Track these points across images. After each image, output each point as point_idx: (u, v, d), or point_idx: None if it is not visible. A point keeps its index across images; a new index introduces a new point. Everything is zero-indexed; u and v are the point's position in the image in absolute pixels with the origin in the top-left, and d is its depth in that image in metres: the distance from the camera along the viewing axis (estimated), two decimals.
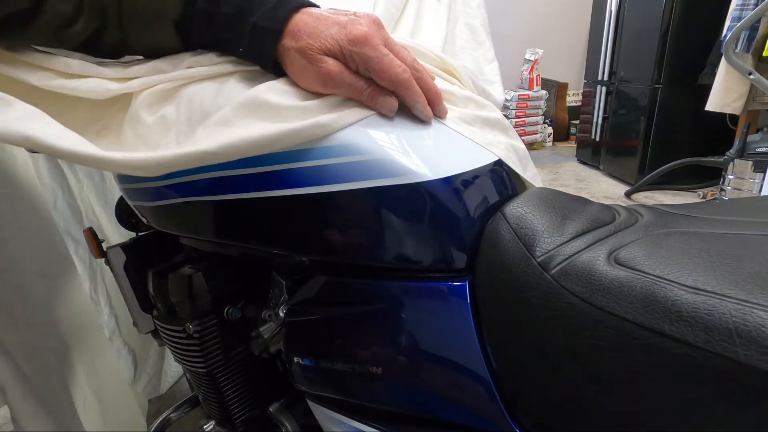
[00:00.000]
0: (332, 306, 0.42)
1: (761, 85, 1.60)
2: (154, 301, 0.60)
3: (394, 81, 0.35)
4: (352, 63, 0.35)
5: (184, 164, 0.34)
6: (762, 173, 1.69)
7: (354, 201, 0.36)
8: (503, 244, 0.33)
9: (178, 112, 0.40)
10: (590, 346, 0.27)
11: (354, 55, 0.34)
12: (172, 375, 1.18)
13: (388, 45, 0.36)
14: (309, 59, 0.35)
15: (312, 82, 0.36)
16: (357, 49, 0.34)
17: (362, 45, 0.34)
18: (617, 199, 2.49)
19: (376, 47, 0.34)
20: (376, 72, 0.35)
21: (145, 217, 0.59)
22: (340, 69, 0.35)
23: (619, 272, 0.27)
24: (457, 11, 0.66)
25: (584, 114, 3.19)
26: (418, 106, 0.37)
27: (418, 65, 0.37)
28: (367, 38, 0.34)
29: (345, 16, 0.36)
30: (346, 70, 0.35)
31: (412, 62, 0.37)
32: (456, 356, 0.35)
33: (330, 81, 0.35)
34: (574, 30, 3.73)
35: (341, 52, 0.35)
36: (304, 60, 0.35)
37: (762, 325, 0.21)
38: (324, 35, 0.35)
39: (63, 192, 0.90)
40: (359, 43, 0.34)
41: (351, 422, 0.43)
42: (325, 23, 0.35)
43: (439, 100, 0.38)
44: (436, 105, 0.38)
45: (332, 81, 0.35)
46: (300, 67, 0.36)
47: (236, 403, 0.59)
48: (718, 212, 0.38)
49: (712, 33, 2.08)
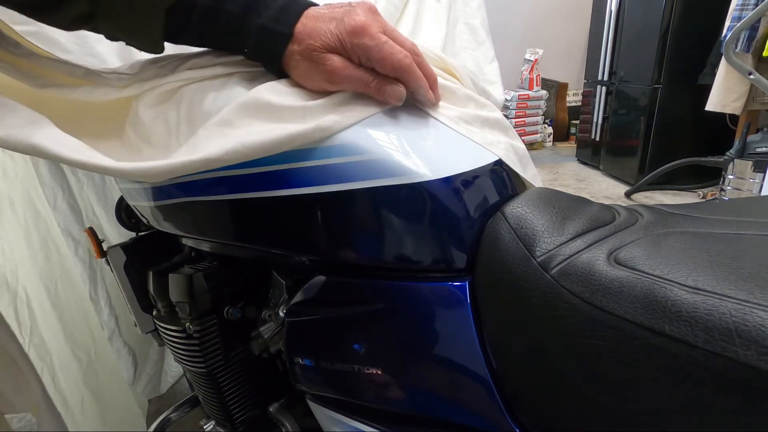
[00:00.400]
0: (332, 306, 0.42)
1: (761, 85, 1.60)
2: (154, 301, 0.60)
3: (396, 67, 0.35)
4: (354, 55, 0.35)
5: (189, 170, 0.35)
6: (762, 173, 1.69)
7: (354, 201, 0.35)
8: (503, 244, 0.33)
9: (178, 113, 0.40)
10: (590, 346, 0.27)
11: (355, 48, 0.34)
12: (172, 375, 1.18)
13: (386, 31, 0.36)
14: (313, 59, 0.35)
15: (319, 81, 0.36)
16: (357, 41, 0.34)
17: (361, 35, 0.34)
18: (617, 199, 2.49)
19: (374, 36, 0.34)
20: (377, 61, 0.34)
21: (145, 217, 0.59)
22: (345, 64, 0.35)
23: (619, 272, 0.27)
24: (457, 11, 0.66)
25: (584, 114, 3.19)
26: (421, 90, 0.37)
27: (418, 50, 0.37)
28: (365, 28, 0.34)
29: (340, 8, 0.36)
30: (350, 65, 0.35)
31: (411, 47, 0.37)
32: (456, 356, 0.35)
33: (336, 77, 0.35)
34: (574, 30, 3.73)
35: (342, 46, 0.35)
36: (308, 62, 0.35)
37: (762, 325, 0.21)
38: (323, 32, 0.35)
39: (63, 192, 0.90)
40: (358, 34, 0.34)
41: (351, 422, 0.43)
42: (323, 20, 0.35)
43: (435, 86, 0.38)
44: (434, 90, 0.38)
45: (338, 76, 0.35)
46: (305, 69, 0.36)
47: (236, 403, 0.59)
48: (718, 212, 0.38)
49: (712, 33, 2.08)
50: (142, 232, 0.71)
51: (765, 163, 1.70)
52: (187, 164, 0.34)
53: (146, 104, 0.42)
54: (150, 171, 0.34)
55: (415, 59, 0.36)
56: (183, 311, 0.54)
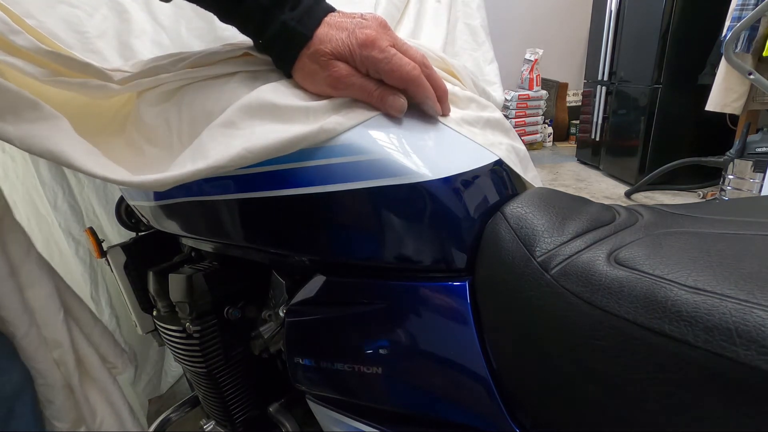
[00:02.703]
0: (332, 306, 0.42)
1: (761, 85, 1.60)
2: (154, 301, 0.60)
3: (404, 78, 0.35)
4: (362, 66, 0.35)
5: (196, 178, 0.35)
6: (762, 173, 1.69)
7: (354, 201, 0.36)
8: (503, 244, 0.33)
9: (180, 112, 0.40)
10: (590, 346, 0.27)
11: (363, 59, 0.35)
12: (172, 375, 1.18)
13: (396, 45, 0.36)
14: (320, 64, 0.36)
15: (322, 85, 0.37)
16: (366, 53, 0.35)
17: (370, 48, 0.35)
18: (617, 199, 2.49)
19: (383, 49, 0.35)
20: (386, 72, 0.35)
21: (145, 217, 0.59)
22: (350, 71, 0.35)
23: (619, 272, 0.27)
24: (457, 12, 0.66)
25: (584, 114, 3.19)
26: (429, 102, 0.37)
27: (428, 62, 0.38)
28: (375, 41, 0.35)
29: (352, 19, 0.36)
30: (356, 73, 0.36)
31: (422, 59, 0.37)
32: (456, 356, 0.35)
33: (340, 83, 0.36)
34: (574, 30, 3.73)
35: (351, 56, 0.35)
36: (315, 65, 0.36)
37: (762, 325, 0.21)
38: (335, 40, 0.35)
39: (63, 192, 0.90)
40: (367, 47, 0.35)
41: (351, 422, 0.43)
42: (336, 28, 0.36)
43: (445, 98, 0.39)
44: (443, 103, 0.39)
45: (342, 83, 0.36)
46: (310, 71, 0.36)
47: (236, 403, 0.59)
48: (718, 212, 0.38)
49: (712, 33, 2.08)
50: (142, 232, 0.71)
51: (765, 163, 1.70)
52: (194, 173, 0.34)
53: (148, 103, 0.42)
54: (159, 182, 0.34)
55: (424, 71, 0.37)
56: (183, 311, 0.54)
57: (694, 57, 2.28)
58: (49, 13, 0.45)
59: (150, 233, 0.70)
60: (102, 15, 0.49)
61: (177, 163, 0.35)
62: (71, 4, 0.46)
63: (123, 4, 0.50)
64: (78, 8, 0.47)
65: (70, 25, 0.46)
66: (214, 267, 0.54)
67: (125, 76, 0.40)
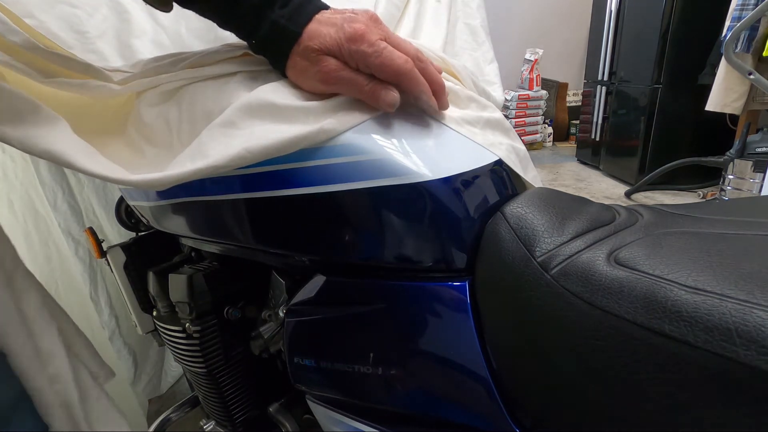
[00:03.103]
0: (332, 306, 0.42)
1: (761, 85, 1.60)
2: (154, 301, 0.60)
3: (396, 72, 0.35)
4: (351, 61, 0.35)
5: (196, 177, 0.35)
6: (762, 173, 1.69)
7: (354, 201, 0.36)
8: (503, 244, 0.33)
9: (180, 112, 0.40)
10: (590, 346, 0.27)
11: (352, 53, 0.34)
12: (172, 375, 1.18)
13: (388, 39, 0.36)
14: (310, 60, 0.35)
15: (313, 81, 0.36)
16: (354, 47, 0.34)
17: (359, 42, 0.34)
18: (617, 199, 2.49)
19: (373, 43, 0.34)
20: (376, 67, 0.35)
21: (145, 217, 0.59)
22: (339, 66, 0.35)
23: (619, 272, 0.27)
24: (457, 12, 0.66)
25: (584, 114, 3.19)
26: (423, 96, 0.36)
27: (422, 56, 0.37)
28: (363, 35, 0.34)
29: (341, 15, 0.36)
30: (345, 67, 0.35)
31: (415, 53, 0.36)
32: (456, 356, 0.35)
33: (329, 78, 0.35)
34: (574, 30, 3.73)
35: (340, 51, 0.35)
36: (305, 61, 0.36)
37: (762, 325, 0.20)
38: (323, 35, 0.35)
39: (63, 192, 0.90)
40: (356, 41, 0.34)
41: (351, 422, 0.43)
42: (326, 24, 0.36)
43: (442, 92, 0.38)
44: (440, 97, 0.38)
45: (331, 78, 0.35)
46: (301, 68, 0.36)
47: (236, 403, 0.59)
48: (718, 212, 0.38)
49: (712, 33, 2.08)
50: (142, 232, 0.71)
51: (765, 163, 1.70)
52: (194, 172, 0.34)
53: (147, 103, 0.42)
54: (159, 181, 0.34)
55: (418, 65, 0.36)
56: (183, 311, 0.54)
57: (694, 57, 2.28)
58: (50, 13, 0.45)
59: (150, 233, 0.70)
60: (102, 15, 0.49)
61: (176, 163, 0.35)
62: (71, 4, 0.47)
63: (123, 4, 0.50)
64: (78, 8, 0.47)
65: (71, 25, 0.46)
66: (214, 267, 0.54)
67: (125, 77, 0.40)
